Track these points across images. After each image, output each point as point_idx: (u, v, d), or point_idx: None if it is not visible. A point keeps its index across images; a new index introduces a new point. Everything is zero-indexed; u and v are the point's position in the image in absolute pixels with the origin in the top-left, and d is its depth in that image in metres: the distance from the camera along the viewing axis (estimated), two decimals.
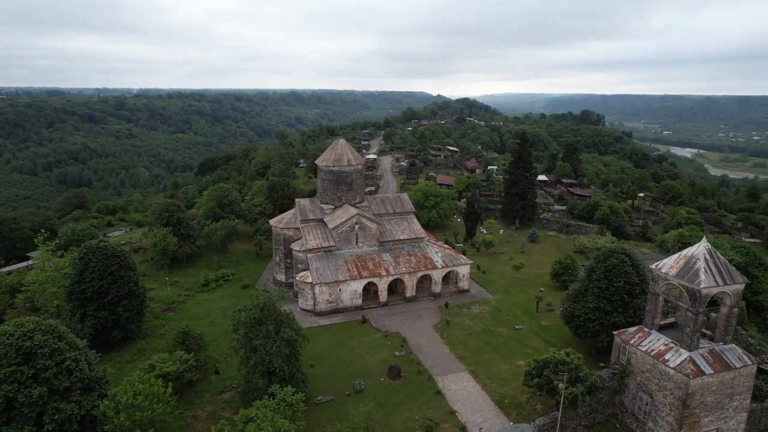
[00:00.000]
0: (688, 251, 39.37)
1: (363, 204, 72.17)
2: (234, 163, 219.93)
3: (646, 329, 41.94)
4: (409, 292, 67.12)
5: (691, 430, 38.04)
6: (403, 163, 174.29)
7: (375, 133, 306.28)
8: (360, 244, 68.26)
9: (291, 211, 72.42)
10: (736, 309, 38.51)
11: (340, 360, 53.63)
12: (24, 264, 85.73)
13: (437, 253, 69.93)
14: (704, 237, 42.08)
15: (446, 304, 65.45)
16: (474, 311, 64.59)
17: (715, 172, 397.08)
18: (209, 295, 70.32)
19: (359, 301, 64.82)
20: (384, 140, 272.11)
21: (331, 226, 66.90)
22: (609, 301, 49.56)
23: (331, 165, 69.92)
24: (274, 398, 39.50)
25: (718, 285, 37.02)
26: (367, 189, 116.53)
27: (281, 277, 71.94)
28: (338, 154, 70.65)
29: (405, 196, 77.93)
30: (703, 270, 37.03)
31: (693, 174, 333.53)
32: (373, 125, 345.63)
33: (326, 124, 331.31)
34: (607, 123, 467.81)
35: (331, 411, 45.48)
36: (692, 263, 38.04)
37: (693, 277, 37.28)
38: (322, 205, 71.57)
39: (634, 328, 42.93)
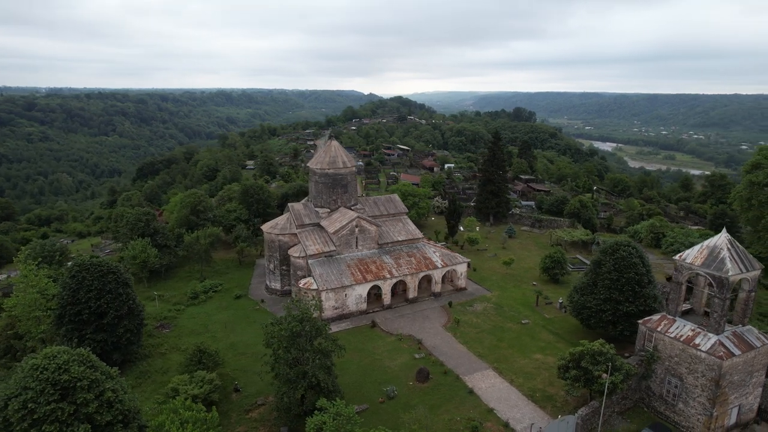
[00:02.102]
0: (709, 242, 42.24)
1: (358, 206, 71.14)
2: (177, 166, 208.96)
3: (669, 317, 44.56)
4: (412, 293, 67.04)
5: (720, 407, 40.95)
6: (359, 163, 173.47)
7: (319, 133, 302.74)
8: (360, 248, 67.25)
9: (284, 216, 69.96)
10: (753, 293, 41.89)
11: (361, 367, 52.62)
12: None
13: (435, 252, 70.36)
14: (724, 228, 45.29)
15: (450, 303, 66.03)
16: (477, 309, 65.65)
17: (633, 164, 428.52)
18: (200, 308, 66.42)
19: (364, 306, 63.89)
20: (330, 139, 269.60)
21: (331, 230, 65.34)
22: (621, 291, 52.15)
23: (326, 167, 68.27)
24: (322, 412, 38.12)
25: (741, 272, 40.04)
26: None
27: (276, 285, 69.36)
28: (332, 156, 69.12)
29: (396, 197, 77.67)
30: (729, 258, 39.91)
31: (616, 167, 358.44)
32: (314, 125, 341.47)
33: (267, 125, 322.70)
34: (537, 120, 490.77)
35: (370, 419, 44.49)
36: (716, 253, 40.87)
37: (720, 265, 40.06)
38: (316, 209, 69.75)
39: (657, 316, 45.48)
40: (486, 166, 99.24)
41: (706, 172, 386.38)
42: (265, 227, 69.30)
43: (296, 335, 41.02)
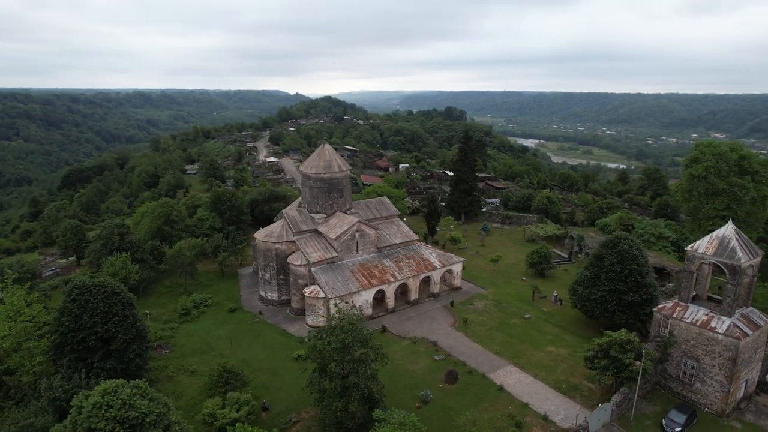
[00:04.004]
0: (718, 233, 46.03)
1: (352, 211, 70.14)
2: (110, 173, 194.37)
3: (682, 303, 48.06)
4: (413, 295, 67.21)
5: (734, 383, 44.84)
6: None
7: (257, 135, 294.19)
8: (360, 252, 66.40)
9: (277, 224, 67.48)
10: (755, 278, 46.21)
11: (386, 373, 51.50)
12: None
13: (431, 253, 70.98)
14: (730, 219, 49.41)
15: (452, 303, 66.92)
16: (478, 307, 67.02)
17: (556, 159, 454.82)
18: (195, 324, 62.53)
19: (370, 311, 63.19)
20: (270, 141, 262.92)
21: (332, 235, 63.94)
22: (624, 282, 55.41)
23: (322, 172, 66.67)
24: (382, 423, 37.43)
25: (750, 259, 44.08)
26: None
27: (272, 296, 66.79)
28: (327, 161, 67.61)
29: (386, 199, 77.36)
30: (739, 247, 43.78)
31: (542, 162, 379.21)
32: (250, 126, 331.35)
33: (201, 127, 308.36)
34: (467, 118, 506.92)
35: None
36: (726, 243, 44.65)
37: (732, 254, 43.82)
38: (312, 215, 67.96)
39: (671, 304, 48.87)
40: (458, 165, 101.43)
41: (621, 166, 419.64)
42: (260, 236, 66.49)
43: (346, 347, 39.88)
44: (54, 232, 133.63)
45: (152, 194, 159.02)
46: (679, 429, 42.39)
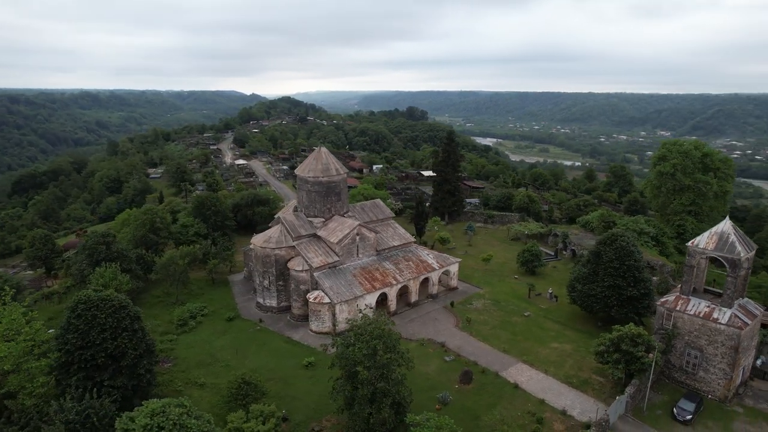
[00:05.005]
0: (716, 229, 48.53)
1: (349, 214, 69.63)
2: (67, 179, 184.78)
3: (684, 296, 50.39)
4: (414, 297, 67.42)
5: (735, 370, 47.40)
6: (285, 167, 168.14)
7: (220, 137, 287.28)
8: (361, 256, 66.00)
9: (275, 229, 66.08)
10: (749, 270, 49.01)
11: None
12: None
13: (429, 255, 71.40)
14: (727, 216, 52.07)
15: (452, 303, 67.54)
16: (477, 306, 67.94)
17: (514, 158, 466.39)
18: (194, 335, 60.42)
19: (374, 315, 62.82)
20: (235, 143, 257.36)
21: (333, 240, 63.26)
22: (623, 278, 57.54)
23: (320, 175, 65.81)
24: (417, 428, 37.44)
25: (747, 253, 46.73)
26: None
27: (271, 302, 65.40)
28: (324, 164, 66.80)
29: (380, 201, 77.16)
30: (738, 242, 46.34)
31: (504, 161, 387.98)
32: (211, 128, 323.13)
33: (160, 130, 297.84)
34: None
35: None
36: (726, 238, 47.17)
37: (731, 248, 46.34)
38: (310, 219, 67.00)
39: (672, 297, 51.13)
40: (441, 166, 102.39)
41: (577, 163, 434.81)
42: (257, 242, 64.93)
43: (375, 353, 39.58)
44: (12, 242, 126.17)
45: (117, 200, 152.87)
46: (690, 416, 44.45)
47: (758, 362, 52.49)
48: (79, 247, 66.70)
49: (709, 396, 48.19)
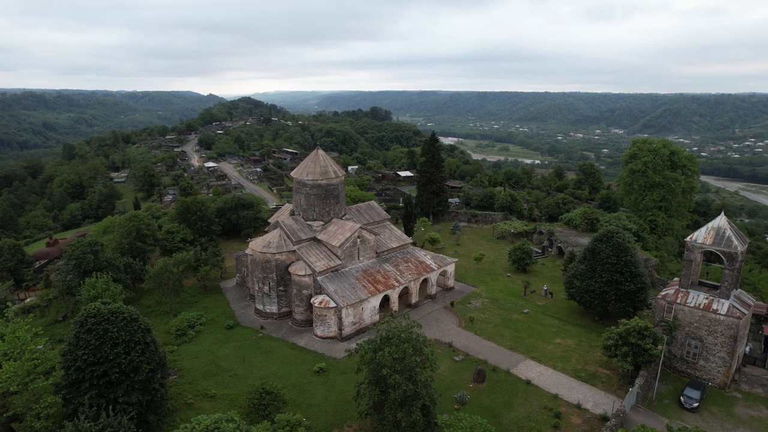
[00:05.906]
0: (713, 224, 51.00)
1: (348, 216, 69.11)
2: (22, 184, 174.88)
3: (683, 289, 52.68)
4: (414, 298, 67.62)
5: (734, 358, 49.99)
6: (258, 170, 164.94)
7: (183, 139, 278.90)
8: (361, 258, 65.63)
9: (274, 234, 64.81)
10: (743, 262, 51.75)
11: None
12: None
13: (426, 255, 71.76)
14: (723, 212, 54.63)
15: (452, 303, 68.13)
16: (476, 305, 68.81)
17: (475, 156, 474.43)
18: (195, 345, 58.52)
19: (377, 317, 62.71)
20: (201, 146, 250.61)
21: (335, 243, 62.63)
22: (620, 273, 59.65)
23: (319, 178, 64.97)
24: (452, 428, 37.67)
25: (742, 246, 49.34)
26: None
27: (272, 308, 64.11)
28: (323, 167, 66.01)
29: (375, 203, 76.84)
30: (734, 237, 48.89)
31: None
32: (173, 130, 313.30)
33: (120, 132, 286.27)
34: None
35: None
36: (722, 233, 49.67)
37: (728, 243, 48.84)
38: (309, 223, 66.08)
39: (672, 290, 53.34)
40: (425, 167, 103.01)
41: (536, 161, 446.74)
42: (256, 247, 63.48)
43: (405, 356, 39.48)
44: None
45: (81, 205, 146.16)
46: (697, 404, 46.56)
47: (747, 349, 55.57)
48: (65, 256, 63.31)
49: (710, 383, 50.61)
